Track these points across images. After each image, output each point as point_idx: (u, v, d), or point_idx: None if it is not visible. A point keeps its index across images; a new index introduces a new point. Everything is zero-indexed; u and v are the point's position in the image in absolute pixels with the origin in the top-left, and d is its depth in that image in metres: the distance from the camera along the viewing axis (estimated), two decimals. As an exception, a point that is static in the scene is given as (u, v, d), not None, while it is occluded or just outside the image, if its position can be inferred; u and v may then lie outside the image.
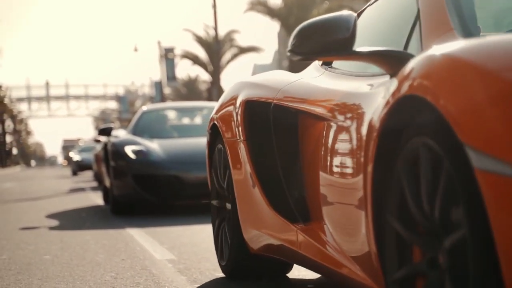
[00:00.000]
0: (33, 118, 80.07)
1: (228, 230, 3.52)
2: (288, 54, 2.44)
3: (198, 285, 3.58)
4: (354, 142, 2.29)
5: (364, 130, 2.20)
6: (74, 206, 9.98)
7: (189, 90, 56.00)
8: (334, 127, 2.51)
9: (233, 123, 3.35)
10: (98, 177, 16.70)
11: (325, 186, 2.57)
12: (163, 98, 46.26)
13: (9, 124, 72.18)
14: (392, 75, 2.26)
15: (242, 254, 3.40)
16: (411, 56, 2.24)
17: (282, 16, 34.26)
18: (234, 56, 42.33)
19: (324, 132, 2.60)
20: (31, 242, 5.75)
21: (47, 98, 74.69)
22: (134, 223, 6.94)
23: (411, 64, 1.87)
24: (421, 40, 2.38)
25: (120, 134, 9.02)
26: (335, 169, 2.47)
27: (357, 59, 2.42)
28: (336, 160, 2.47)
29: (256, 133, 3.20)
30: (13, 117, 72.18)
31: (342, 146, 2.42)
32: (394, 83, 1.96)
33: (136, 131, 8.91)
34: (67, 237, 6.05)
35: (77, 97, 76.01)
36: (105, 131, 9.11)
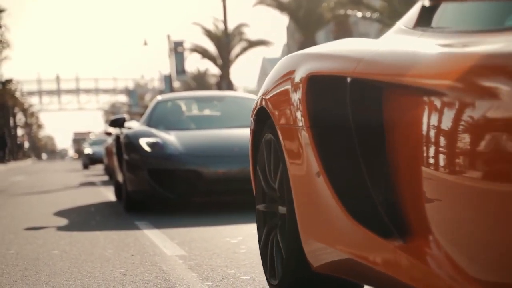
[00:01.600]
0: (44, 112, 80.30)
1: (282, 240, 2.76)
2: None
3: (210, 283, 3.48)
4: (490, 128, 1.63)
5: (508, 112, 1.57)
6: (84, 200, 9.91)
7: (199, 83, 55.93)
8: (452, 108, 1.79)
9: (291, 105, 2.56)
10: (109, 171, 16.62)
11: (435, 188, 1.86)
12: (172, 92, 46.20)
13: (20, 117, 72.43)
14: None
15: (300, 272, 2.62)
16: None
17: (291, 9, 34.09)
18: (243, 49, 42.17)
19: (434, 116, 1.86)
20: (40, 237, 5.67)
21: (58, 92, 74.87)
22: (143, 217, 6.84)
23: None
24: None
25: (133, 125, 8.54)
26: (456, 167, 1.75)
27: None
28: (459, 155, 1.74)
29: (326, 117, 2.40)
30: (24, 111, 72.42)
31: (470, 134, 1.71)
32: None
33: (150, 122, 8.26)
34: (76, 231, 5.97)
35: (87, 91, 76.17)
36: (117, 122, 8.50)
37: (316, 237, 2.45)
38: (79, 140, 71.69)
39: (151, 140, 7.35)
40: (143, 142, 7.33)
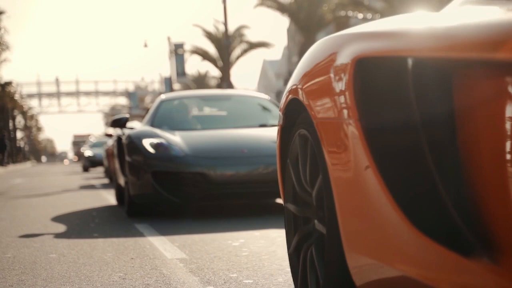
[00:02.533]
0: (43, 114, 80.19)
1: (317, 252, 2.35)
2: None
3: (212, 287, 3.37)
4: None
5: None
6: (84, 203, 9.80)
7: (199, 85, 55.86)
8: None
9: (334, 95, 2.08)
10: (109, 174, 16.35)
11: None
12: (173, 94, 46.10)
13: (19, 120, 72.34)
14: None
15: None
16: None
17: (292, 11, 34.01)
18: (244, 51, 42.12)
19: None
20: (37, 240, 5.57)
21: (58, 94, 74.79)
22: (143, 220, 6.74)
23: None
24: None
25: (136, 126, 8.02)
26: None
27: None
28: None
29: (380, 108, 1.93)
30: (24, 113, 72.34)
31: None
32: None
33: (154, 123, 7.83)
34: (75, 234, 5.87)
35: (87, 93, 76.07)
36: (119, 122, 7.93)
37: (364, 252, 2.00)
38: (79, 143, 71.54)
39: (155, 141, 6.95)
40: (147, 143, 6.93)
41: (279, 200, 7.59)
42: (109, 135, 16.62)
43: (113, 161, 13.31)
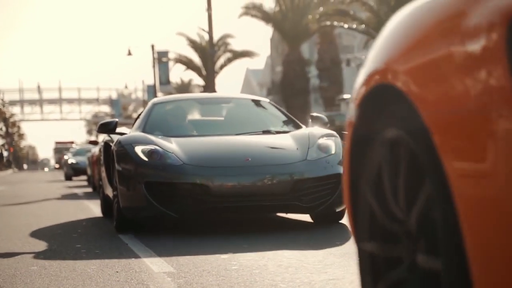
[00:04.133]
0: (25, 121, 79.51)
1: None
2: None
3: (202, 303, 3.21)
4: None
5: None
6: (66, 212, 9.59)
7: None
8: None
9: (467, 75, 1.30)
10: (93, 182, 15.77)
11: None
12: (156, 102, 45.85)
13: (1, 126, 71.65)
14: None
15: None
16: None
17: (277, 20, 33.97)
18: (228, 60, 42.01)
19: None
20: (18, 251, 5.37)
21: (40, 102, 74.22)
22: (126, 230, 6.55)
23: None
24: None
25: (126, 131, 7.32)
26: None
27: None
28: None
29: None
30: (6, 120, 71.68)
31: None
32: None
33: (146, 128, 7.01)
34: (57, 245, 5.68)
35: (70, 101, 75.56)
36: (107, 127, 7.12)
37: None
38: (61, 150, 70.90)
39: (148, 147, 6.18)
40: (139, 149, 6.16)
41: (280, 214, 7.18)
42: (94, 142, 16.28)
43: (99, 169, 12.71)
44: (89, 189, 16.89)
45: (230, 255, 4.71)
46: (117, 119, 7.45)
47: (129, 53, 45.21)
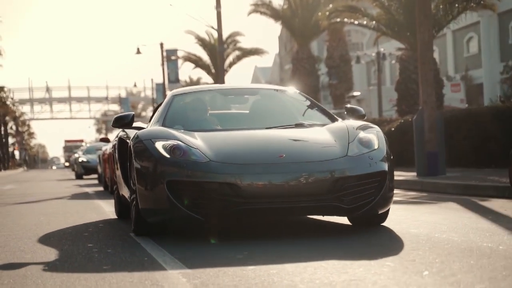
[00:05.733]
0: (35, 120, 79.67)
1: None
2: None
3: (219, 306, 3.09)
4: None
5: None
6: (76, 211, 9.49)
7: (192, 92, 55.53)
8: None
9: None
10: (103, 181, 15.49)
11: None
12: (165, 100, 45.80)
13: (11, 125, 71.79)
14: None
15: None
16: None
17: (286, 18, 33.78)
18: (237, 58, 41.90)
19: None
20: (28, 250, 5.26)
21: (50, 100, 74.34)
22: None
23: None
24: None
25: (143, 126, 6.74)
26: None
27: None
28: None
29: None
30: (16, 119, 71.82)
31: None
32: None
33: (165, 121, 6.38)
34: (68, 244, 5.57)
35: (79, 100, 75.63)
36: (123, 121, 6.49)
37: None
38: (70, 148, 70.92)
39: (169, 143, 5.54)
40: (160, 145, 5.53)
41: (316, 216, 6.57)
42: (105, 140, 16.08)
43: (111, 168, 12.32)
44: (100, 188, 16.67)
45: (246, 254, 4.59)
46: (133, 112, 6.82)
47: (138, 52, 45.15)
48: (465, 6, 18.74)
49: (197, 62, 43.34)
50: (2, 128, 62.93)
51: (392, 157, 5.83)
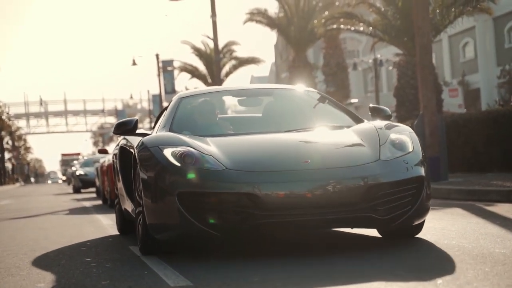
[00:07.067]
0: (31, 135, 79.50)
1: None
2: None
3: (225, 322, 2.92)
4: None
5: None
6: (73, 224, 9.31)
7: (189, 103, 55.44)
8: None
9: None
10: (103, 195, 14.86)
11: None
12: (162, 112, 45.72)
13: (7, 140, 71.57)
14: None
15: None
16: None
17: (282, 26, 33.73)
18: (234, 68, 41.84)
19: None
20: (24, 267, 5.08)
21: (46, 114, 74.23)
22: (137, 241, 6.25)
23: None
24: None
25: (148, 132, 6.17)
26: None
27: None
28: None
29: None
30: (12, 134, 71.62)
31: None
32: None
33: (172, 126, 5.77)
34: (66, 259, 5.39)
35: (76, 113, 75.52)
36: (126, 127, 5.92)
37: None
38: (67, 162, 70.70)
39: (179, 149, 4.93)
40: (168, 152, 4.94)
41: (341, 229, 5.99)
42: (103, 151, 15.71)
43: (110, 180, 11.98)
44: (99, 202, 16.11)
45: (250, 266, 4.42)
46: (137, 117, 6.08)
47: (134, 63, 45.08)
48: (461, 10, 18.66)
49: (193, 72, 43.23)
50: (-1, 143, 62.70)
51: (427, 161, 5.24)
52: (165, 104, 48.54)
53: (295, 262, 4.47)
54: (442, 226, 6.09)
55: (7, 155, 71.26)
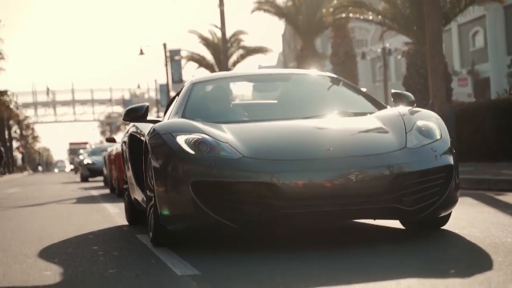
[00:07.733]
0: (39, 124, 79.71)
1: None
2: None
3: (234, 311, 2.87)
4: None
5: None
6: (81, 213, 9.29)
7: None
8: None
9: None
10: (110, 184, 14.75)
11: None
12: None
13: (15, 129, 71.79)
14: None
15: None
16: None
17: (290, 15, 33.57)
18: (241, 57, 41.72)
19: None
20: (31, 254, 5.05)
21: (53, 103, 74.35)
22: (144, 230, 6.21)
23: None
24: None
25: (159, 119, 5.82)
26: None
27: None
28: None
29: None
30: (20, 123, 71.82)
31: None
32: None
33: (185, 113, 5.49)
34: (73, 247, 5.35)
35: (83, 102, 75.62)
36: (136, 113, 5.63)
37: None
38: (75, 151, 70.84)
39: (193, 136, 4.69)
40: (182, 140, 4.68)
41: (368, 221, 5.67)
42: (111, 140, 15.64)
43: (118, 168, 11.98)
44: (106, 190, 15.99)
45: (259, 256, 4.36)
46: (147, 103, 5.95)
47: (141, 53, 45.02)
48: (472, -2, 18.50)
49: (201, 61, 43.14)
50: (6, 132, 62.87)
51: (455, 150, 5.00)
52: (172, 93, 48.50)
53: (308, 255, 4.41)
54: (452, 216, 6.01)
55: (15, 144, 71.47)
